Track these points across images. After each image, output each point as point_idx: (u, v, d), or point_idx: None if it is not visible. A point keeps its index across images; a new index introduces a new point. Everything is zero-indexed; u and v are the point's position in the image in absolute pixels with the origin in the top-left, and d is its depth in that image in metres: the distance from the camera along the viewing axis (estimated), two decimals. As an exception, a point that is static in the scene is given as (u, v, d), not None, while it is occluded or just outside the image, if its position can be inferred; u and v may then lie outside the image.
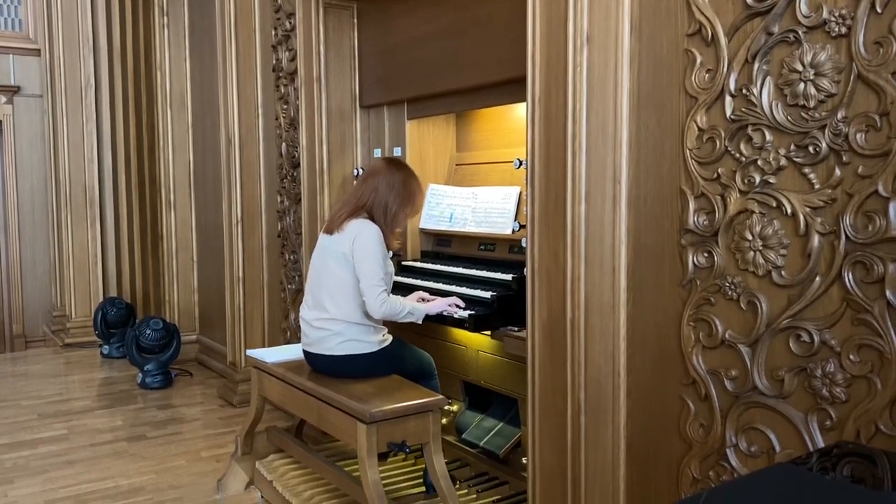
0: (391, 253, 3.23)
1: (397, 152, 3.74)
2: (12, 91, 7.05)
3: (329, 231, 3.06)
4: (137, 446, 4.16)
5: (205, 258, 6.03)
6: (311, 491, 3.18)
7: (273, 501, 3.31)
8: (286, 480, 3.29)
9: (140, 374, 5.38)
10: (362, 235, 2.94)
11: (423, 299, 3.11)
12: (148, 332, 5.36)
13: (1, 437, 4.32)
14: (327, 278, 3.00)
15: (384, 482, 3.00)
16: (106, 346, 6.34)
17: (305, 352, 3.12)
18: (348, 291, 2.95)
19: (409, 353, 3.10)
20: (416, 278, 3.40)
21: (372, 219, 3.01)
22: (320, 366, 3.05)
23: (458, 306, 2.97)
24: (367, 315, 2.96)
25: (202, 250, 6.09)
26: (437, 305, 2.99)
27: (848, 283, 1.67)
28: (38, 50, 7.03)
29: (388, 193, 3.03)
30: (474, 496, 3.06)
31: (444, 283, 3.24)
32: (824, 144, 1.69)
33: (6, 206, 7.15)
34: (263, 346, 4.66)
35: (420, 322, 2.99)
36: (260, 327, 4.79)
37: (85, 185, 6.79)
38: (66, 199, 6.75)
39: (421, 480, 3.12)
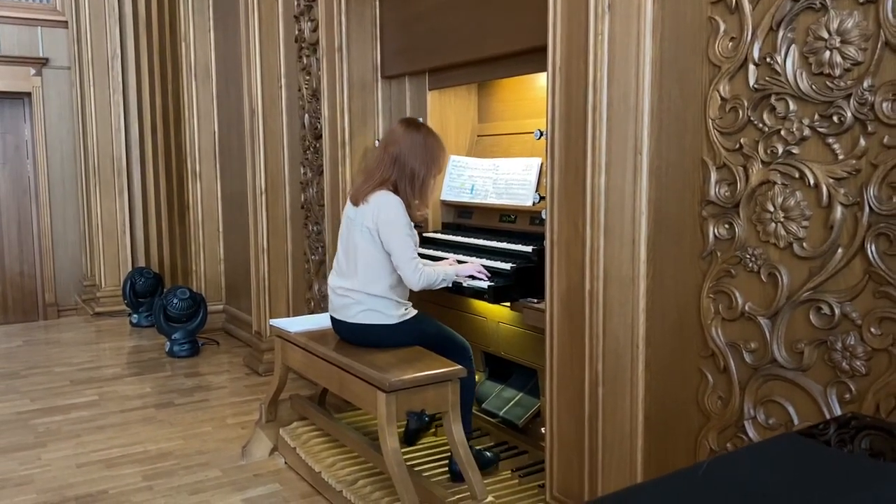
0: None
1: (419, 123, 3.73)
2: (41, 63, 7.12)
3: (354, 202, 3.06)
4: (165, 413, 4.25)
5: (230, 228, 6.10)
6: (334, 458, 3.24)
7: (296, 467, 3.38)
8: (309, 447, 3.36)
9: (168, 343, 5.49)
10: (384, 210, 2.92)
11: (459, 262, 3.11)
12: (175, 301, 5.44)
13: (35, 403, 4.44)
14: (352, 249, 3.02)
15: (411, 462, 3.04)
16: (135, 315, 6.46)
17: (332, 318, 3.15)
18: (370, 263, 2.96)
19: (435, 330, 3.07)
20: (438, 250, 3.41)
21: (396, 190, 2.99)
22: (344, 332, 3.09)
23: (482, 273, 2.96)
24: (390, 288, 2.97)
25: (228, 220, 6.15)
26: (467, 269, 2.98)
27: (870, 256, 1.65)
28: (66, 22, 7.08)
29: (413, 159, 2.97)
30: (494, 465, 3.08)
31: (464, 254, 3.24)
32: (849, 114, 1.66)
33: (37, 176, 7.26)
34: (288, 315, 4.71)
35: (451, 285, 2.99)
36: (284, 297, 4.84)
37: (112, 155, 6.87)
38: (94, 170, 6.84)
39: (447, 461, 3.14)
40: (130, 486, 3.30)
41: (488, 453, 3.09)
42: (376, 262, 2.95)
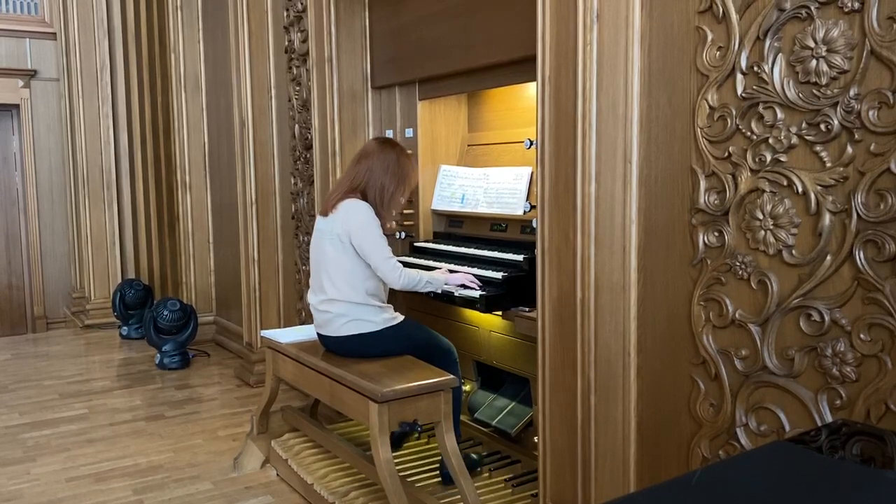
0: (403, 234, 3.22)
1: (409, 133, 3.73)
2: (29, 75, 7.09)
3: (324, 213, 3.08)
4: (156, 425, 4.22)
5: (220, 239, 6.08)
6: (326, 469, 3.22)
7: (288, 479, 3.36)
8: (301, 459, 3.34)
9: (158, 355, 5.45)
10: (353, 216, 2.95)
11: (452, 271, 3.12)
12: (165, 313, 5.42)
13: (23, 417, 4.40)
14: (324, 261, 3.02)
15: (400, 468, 3.04)
16: (124, 328, 6.42)
17: (318, 333, 3.15)
18: (346, 272, 2.96)
19: (424, 336, 3.09)
20: (429, 259, 3.41)
21: (365, 199, 3.01)
22: (332, 346, 3.08)
23: (473, 282, 2.97)
24: (370, 293, 2.97)
25: (218, 231, 6.13)
26: (457, 278, 3.00)
27: (859, 262, 1.66)
28: (54, 33, 7.06)
29: (384, 175, 3.02)
30: (487, 474, 3.08)
31: (456, 263, 3.24)
32: (836, 122, 1.67)
33: (25, 188, 7.22)
34: (279, 326, 4.69)
35: (440, 291, 3.00)
36: (275, 308, 4.82)
37: (102, 167, 6.85)
38: (83, 182, 6.81)
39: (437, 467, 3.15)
40: (120, 500, 3.27)
41: (473, 455, 3.11)
42: (351, 270, 2.96)
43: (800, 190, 1.75)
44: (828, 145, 1.70)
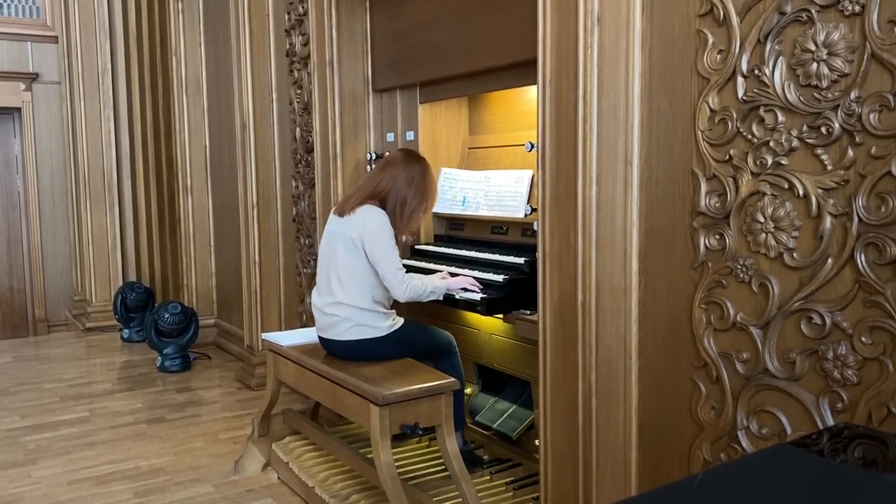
0: (405, 237, 3.22)
1: (410, 136, 3.74)
2: (31, 78, 7.11)
3: (340, 213, 3.07)
4: (157, 428, 4.22)
5: (222, 242, 6.08)
6: (327, 472, 3.22)
7: (289, 482, 3.36)
8: (302, 462, 3.34)
9: (159, 358, 5.45)
10: (369, 221, 2.95)
11: (451, 275, 3.12)
12: (166, 316, 5.42)
13: (24, 420, 4.40)
14: (335, 263, 3.02)
15: (401, 465, 3.04)
16: (126, 330, 6.42)
17: (319, 336, 3.15)
18: (356, 276, 2.96)
19: (423, 335, 3.10)
20: (430, 262, 3.41)
21: (384, 207, 3.01)
22: (334, 350, 3.08)
23: (474, 286, 2.98)
24: (376, 301, 2.97)
25: (219, 234, 6.14)
26: (458, 282, 3.00)
27: (860, 265, 1.66)
28: (56, 37, 7.07)
29: (407, 187, 3.02)
30: (488, 478, 3.08)
31: (457, 266, 3.25)
32: (837, 125, 1.67)
33: (27, 191, 7.23)
34: (280, 329, 4.70)
35: (441, 298, 3.00)
36: (276, 311, 4.82)
37: (103, 169, 6.84)
38: (84, 184, 6.81)
39: (438, 463, 3.15)
40: (121, 503, 3.27)
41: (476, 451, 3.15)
42: (361, 275, 2.96)
43: (801, 193, 1.75)
44: (828, 148, 1.70)
